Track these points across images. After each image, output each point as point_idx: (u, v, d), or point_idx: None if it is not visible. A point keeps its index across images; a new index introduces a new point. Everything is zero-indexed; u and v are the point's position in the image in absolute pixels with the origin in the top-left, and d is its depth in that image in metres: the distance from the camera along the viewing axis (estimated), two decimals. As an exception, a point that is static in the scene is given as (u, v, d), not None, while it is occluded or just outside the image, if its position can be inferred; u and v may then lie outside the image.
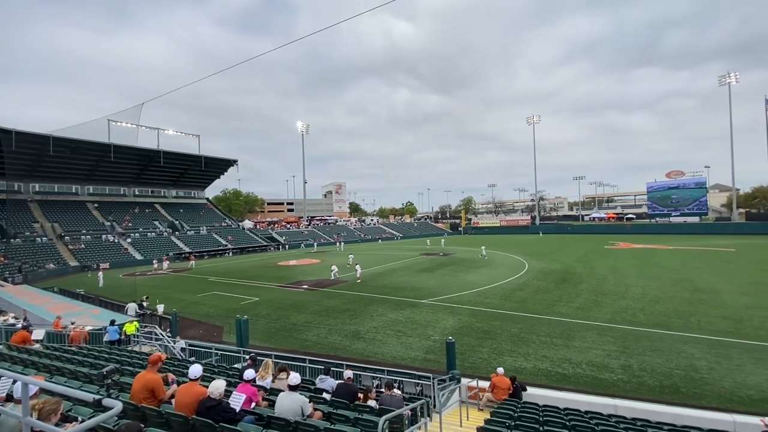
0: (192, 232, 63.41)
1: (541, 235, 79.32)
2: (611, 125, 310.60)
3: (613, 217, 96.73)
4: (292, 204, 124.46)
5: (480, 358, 13.11)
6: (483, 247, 45.18)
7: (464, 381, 10.18)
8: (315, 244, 68.94)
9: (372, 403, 6.58)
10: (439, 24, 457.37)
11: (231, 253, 58.83)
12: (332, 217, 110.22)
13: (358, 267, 31.30)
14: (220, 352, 13.38)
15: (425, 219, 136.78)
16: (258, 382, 6.91)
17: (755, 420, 7.99)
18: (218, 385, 4.66)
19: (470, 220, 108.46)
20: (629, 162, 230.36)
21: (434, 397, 7.28)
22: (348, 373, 7.04)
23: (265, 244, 66.77)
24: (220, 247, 59.92)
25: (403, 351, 14.14)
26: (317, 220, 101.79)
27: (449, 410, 8.84)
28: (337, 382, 7.18)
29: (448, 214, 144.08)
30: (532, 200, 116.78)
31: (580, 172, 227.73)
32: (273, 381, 7.29)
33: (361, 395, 6.64)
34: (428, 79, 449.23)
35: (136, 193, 67.58)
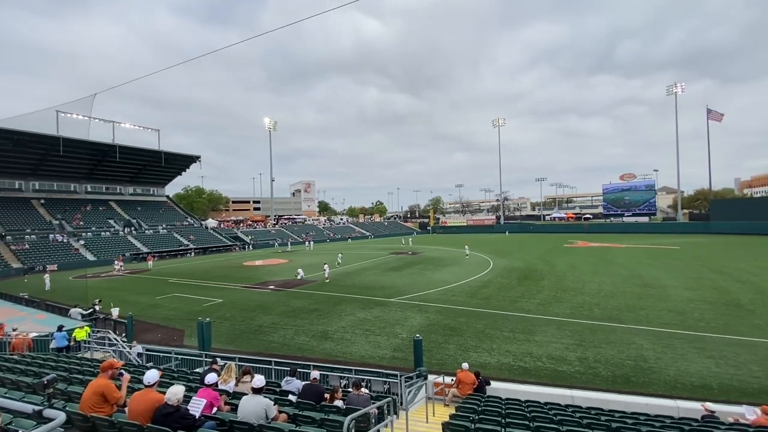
0: (151, 231, 60.34)
1: (507, 234, 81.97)
2: (570, 129, 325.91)
3: (572, 217, 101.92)
4: (258, 202, 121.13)
5: (446, 355, 13.37)
6: (467, 247, 45.60)
7: (431, 377, 10.33)
8: (289, 243, 67.46)
9: (339, 403, 6.54)
10: (408, 23, 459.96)
11: (193, 254, 56.50)
12: (300, 216, 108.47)
13: (326, 266, 30.97)
14: (180, 357, 12.81)
15: (395, 218, 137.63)
16: (220, 386, 6.70)
17: (697, 405, 8.63)
18: (176, 391, 4.46)
19: (438, 219, 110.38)
20: (587, 164, 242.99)
21: (401, 394, 7.36)
22: (315, 374, 6.96)
23: (230, 243, 64.70)
24: (181, 247, 57.38)
25: (372, 350, 14.16)
26: (285, 219, 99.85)
27: (416, 407, 8.95)
28: (303, 383, 7.08)
29: (417, 214, 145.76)
30: (497, 200, 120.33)
31: (541, 173, 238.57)
32: (237, 384, 7.09)
33: (327, 396, 6.58)
34: (398, 78, 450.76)
35: (89, 189, 63.30)
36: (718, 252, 39.40)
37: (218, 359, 8.39)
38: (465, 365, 9.94)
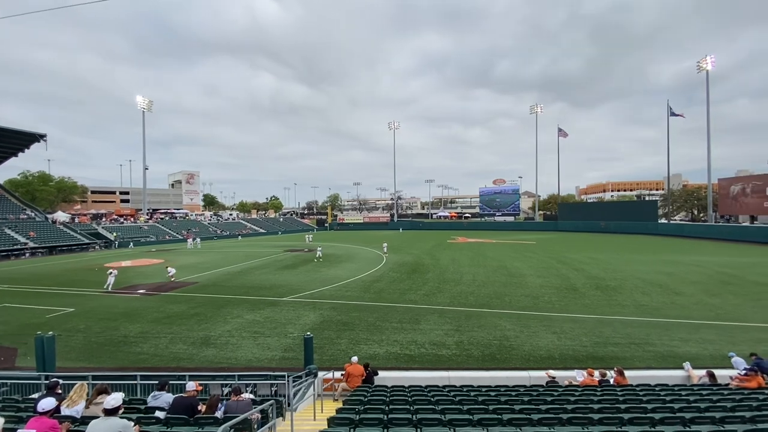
0: (-34, 226, 46.98)
1: (401, 231, 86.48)
2: (455, 136, 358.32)
3: (454, 216, 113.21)
4: (127, 193, 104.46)
5: (338, 350, 13.49)
6: (385, 244, 44.28)
7: (321, 374, 10.32)
8: (199, 240, 59.30)
9: (218, 413, 6.07)
10: (307, 11, 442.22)
11: (29, 254, 45.92)
12: (181, 211, 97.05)
13: (169, 269, 27.86)
14: (9, 382, 10.29)
15: (291, 214, 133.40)
16: (64, 411, 5.63)
17: (542, 373, 10.41)
18: (-9, 426, 3.56)
19: (336, 216, 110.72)
20: (468, 169, 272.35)
21: (288, 395, 7.17)
22: (190, 385, 6.30)
23: (88, 242, 54.39)
24: (15, 246, 46.06)
25: (260, 352, 13.48)
26: (161, 213, 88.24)
27: (304, 405, 8.83)
28: (175, 396, 6.36)
29: (315, 210, 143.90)
30: (392, 199, 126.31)
31: (430, 175, 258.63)
32: (88, 407, 6.03)
33: (202, 407, 6.03)
34: (295, 67, 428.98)
35: None
36: (562, 246, 48.05)
37: (59, 380, 7.00)
38: (354, 358, 10.19)
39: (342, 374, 9.96)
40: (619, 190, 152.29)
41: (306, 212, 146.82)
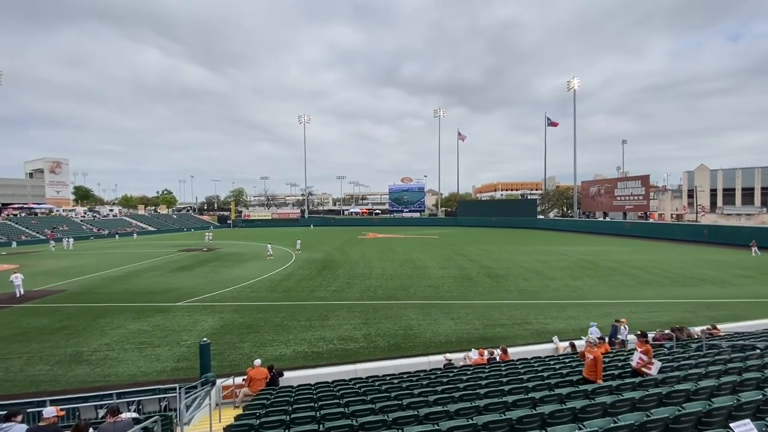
0: None
1: (312, 227, 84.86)
2: (365, 133, 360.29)
3: (365, 212, 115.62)
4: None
5: (240, 354, 12.76)
6: (299, 241, 42.68)
7: (220, 381, 9.64)
8: (72, 240, 48.95)
9: (89, 439, 5.25)
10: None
11: None
12: (44, 206, 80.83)
13: None
14: None
15: (188, 210, 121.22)
16: None
17: (440, 357, 11.26)
18: None
19: (241, 212, 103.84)
20: (378, 166, 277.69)
21: (179, 408, 6.53)
22: (48, 411, 5.30)
23: None
24: None
25: (148, 365, 12.03)
26: (15, 208, 72.44)
27: (200, 417, 8.16)
28: (29, 427, 5.32)
29: (216, 206, 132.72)
30: (303, 195, 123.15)
31: (342, 171, 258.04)
32: None
33: (67, 434, 5.16)
34: (189, 45, 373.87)
35: None
36: (461, 240, 52.48)
37: None
38: (257, 362, 9.74)
39: (244, 379, 9.44)
40: (507, 190, 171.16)
41: (206, 208, 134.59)
